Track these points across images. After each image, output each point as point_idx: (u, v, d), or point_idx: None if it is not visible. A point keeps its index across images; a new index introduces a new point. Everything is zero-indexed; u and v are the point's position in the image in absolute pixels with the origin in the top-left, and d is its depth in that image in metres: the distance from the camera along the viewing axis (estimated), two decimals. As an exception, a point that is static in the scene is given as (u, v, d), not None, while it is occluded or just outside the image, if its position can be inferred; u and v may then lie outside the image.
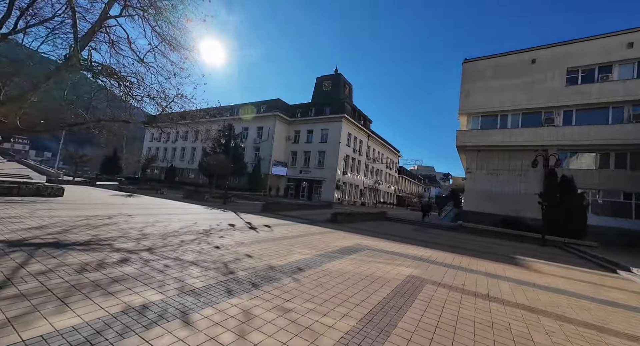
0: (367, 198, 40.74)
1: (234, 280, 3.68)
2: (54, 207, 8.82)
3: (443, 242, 10.17)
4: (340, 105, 32.95)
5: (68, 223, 6.43)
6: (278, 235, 7.74)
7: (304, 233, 8.59)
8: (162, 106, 13.99)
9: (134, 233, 5.99)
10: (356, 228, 11.35)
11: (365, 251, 6.64)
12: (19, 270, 3.27)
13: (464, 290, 4.24)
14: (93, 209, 9.18)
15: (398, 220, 18.11)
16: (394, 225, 15.43)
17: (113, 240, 5.23)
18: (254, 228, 8.59)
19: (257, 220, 10.70)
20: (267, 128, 34.59)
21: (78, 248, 4.46)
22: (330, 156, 32.13)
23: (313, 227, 10.40)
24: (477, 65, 20.39)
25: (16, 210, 7.45)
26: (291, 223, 10.89)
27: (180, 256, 4.57)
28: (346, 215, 13.32)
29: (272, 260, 4.88)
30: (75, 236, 5.24)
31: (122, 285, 3.13)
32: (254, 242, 6.42)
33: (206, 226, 7.99)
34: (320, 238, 7.92)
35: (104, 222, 6.97)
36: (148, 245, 5.07)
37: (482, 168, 20.22)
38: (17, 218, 6.43)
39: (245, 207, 16.63)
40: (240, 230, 7.96)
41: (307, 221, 12.07)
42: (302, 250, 6.02)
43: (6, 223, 5.82)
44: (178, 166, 42.38)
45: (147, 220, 7.93)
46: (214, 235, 6.69)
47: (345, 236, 8.87)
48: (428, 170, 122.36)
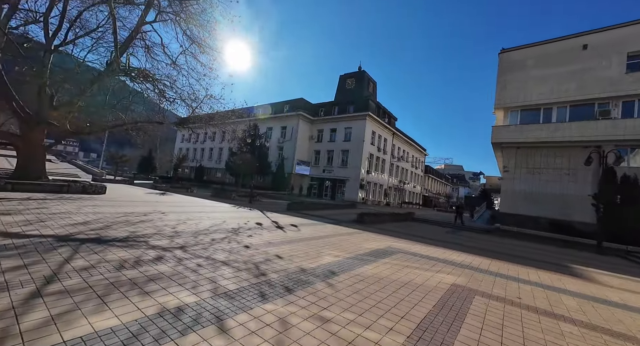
0: (392, 198, 39.58)
1: (266, 283, 3.53)
2: (98, 204, 9.42)
3: (481, 246, 9.38)
4: (364, 103, 32.25)
5: (109, 219, 6.76)
6: (305, 235, 7.57)
7: (331, 233, 8.35)
8: (192, 107, 14.57)
9: (168, 231, 6.13)
10: (384, 230, 10.89)
11: (399, 254, 6.23)
12: (64, 265, 3.38)
13: (521, 305, 3.72)
14: (131, 206, 9.67)
15: (427, 222, 17.23)
16: (423, 226, 14.67)
17: (149, 237, 5.36)
18: (281, 227, 8.51)
19: (283, 219, 10.65)
20: (290, 128, 34.87)
21: (117, 244, 4.59)
22: (354, 155, 31.59)
23: (339, 227, 10.13)
24: (516, 55, 18.75)
25: (65, 206, 8.03)
26: (317, 223, 10.70)
27: (211, 255, 4.54)
28: (373, 215, 12.86)
29: (303, 262, 4.68)
30: (115, 232, 5.45)
31: (158, 285, 3.09)
32: (283, 242, 6.29)
33: (235, 224, 8.04)
34: (349, 239, 7.62)
35: (141, 219, 7.25)
36: (181, 243, 5.12)
37: (521, 166, 18.60)
38: (66, 214, 6.90)
39: (270, 205, 16.78)
40: (267, 229, 7.91)
41: (332, 221, 11.82)
42: (331, 251, 5.78)
43: (57, 218, 6.24)
44: (206, 166, 44.27)
45: (179, 218, 8.16)
46: (242, 234, 6.67)
47: (375, 238, 8.49)
48: (456, 169, 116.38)
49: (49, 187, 11.63)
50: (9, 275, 2.93)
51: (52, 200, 9.03)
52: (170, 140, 58.63)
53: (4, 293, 2.52)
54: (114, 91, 16.76)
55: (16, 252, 3.66)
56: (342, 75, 38.63)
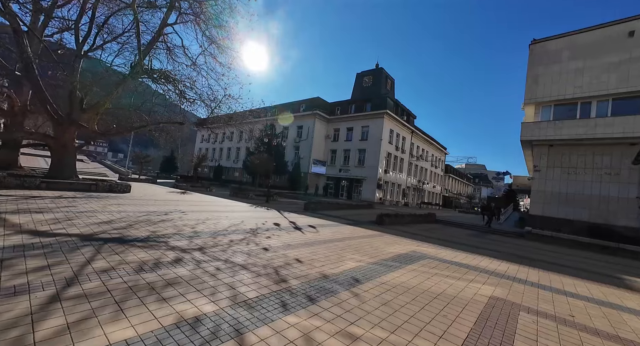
0: (411, 198, 38.45)
1: (287, 290, 3.31)
2: (122, 202, 9.71)
3: (513, 252, 8.68)
4: (381, 101, 31.49)
5: (132, 218, 6.87)
6: (324, 237, 7.32)
7: (350, 235, 8.04)
8: (211, 108, 14.78)
9: (187, 231, 6.11)
10: (405, 232, 10.41)
11: (425, 260, 5.82)
12: (85, 266, 3.34)
13: (576, 325, 3.25)
14: (153, 205, 9.88)
15: (450, 224, 16.43)
16: (446, 228, 13.96)
17: (168, 237, 5.34)
18: (299, 228, 8.32)
19: (301, 219, 10.47)
20: (306, 127, 34.78)
21: (138, 244, 4.57)
22: (371, 154, 30.94)
23: (359, 228, 9.79)
24: (550, 46, 17.38)
25: (92, 205, 8.31)
26: (335, 224, 10.43)
27: (230, 257, 4.40)
28: (393, 216, 12.39)
29: (324, 267, 4.43)
30: (137, 232, 5.47)
31: (176, 290, 2.95)
32: (302, 244, 6.08)
33: (252, 225, 7.95)
34: (370, 242, 7.28)
35: (162, 218, 7.33)
36: (199, 244, 5.03)
37: (554, 165, 17.25)
38: (92, 212, 7.10)
39: (287, 205, 16.71)
40: (285, 230, 7.74)
41: (351, 222, 11.49)
42: (353, 255, 5.48)
43: (83, 217, 6.41)
44: (224, 165, 45.28)
45: (198, 217, 8.19)
46: (261, 235, 6.53)
47: (397, 241, 8.08)
48: (478, 168, 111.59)
49: (79, 185, 12.21)
50: (32, 276, 2.91)
51: (80, 199, 9.41)
52: (191, 140, 60.69)
53: (24, 296, 2.47)
54: (138, 93, 17.45)
55: (42, 252, 3.69)
56: (359, 72, 37.98)
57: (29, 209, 6.57)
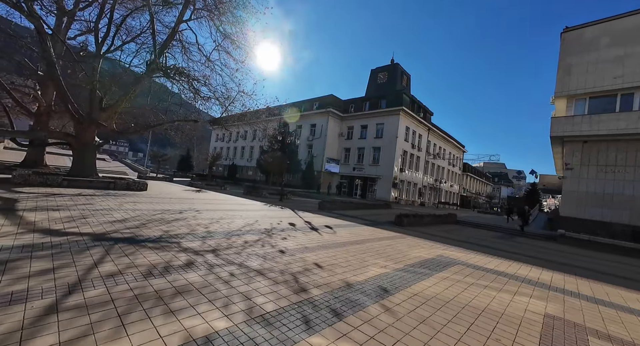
0: (427, 197, 37.23)
1: (309, 302, 2.91)
2: (138, 200, 9.71)
3: (550, 258, 7.89)
4: (397, 97, 30.55)
5: (146, 217, 6.73)
6: (343, 238, 6.89)
7: (370, 237, 7.57)
8: (224, 105, 14.68)
9: (200, 231, 5.86)
10: (427, 234, 9.80)
11: (456, 266, 5.27)
12: (91, 270, 3.09)
13: (662, 355, 2.65)
14: (168, 203, 9.82)
15: (471, 225, 15.55)
16: (469, 230, 13.16)
17: (181, 237, 5.09)
18: (316, 229, 7.93)
19: (316, 219, 10.09)
20: (320, 125, 34.37)
21: (149, 245, 4.33)
22: (386, 152, 30.11)
23: (377, 230, 9.28)
24: (585, 33, 16.03)
25: (108, 202, 8.30)
26: (352, 224, 9.97)
27: (245, 261, 4.06)
28: (412, 217, 11.77)
29: (347, 274, 4.01)
30: (149, 231, 5.27)
31: (185, 300, 2.63)
32: (320, 246, 5.69)
33: (267, 225, 7.65)
34: (392, 245, 6.78)
35: (175, 217, 7.16)
36: (213, 246, 4.75)
37: (589, 163, 15.94)
38: (107, 210, 7.03)
39: (301, 204, 16.40)
40: (301, 230, 7.38)
41: (368, 222, 10.99)
42: (376, 260, 5.02)
43: (98, 215, 6.32)
44: (238, 164, 45.75)
45: (212, 216, 7.99)
46: (276, 236, 6.20)
47: (420, 243, 7.53)
48: (497, 167, 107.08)
49: (98, 183, 12.42)
50: (33, 280, 2.67)
51: (98, 196, 9.48)
52: (206, 139, 61.88)
53: (19, 305, 2.21)
54: (154, 93, 17.69)
55: (50, 252, 3.50)
56: (374, 69, 37.08)
57: (47, 207, 6.56)
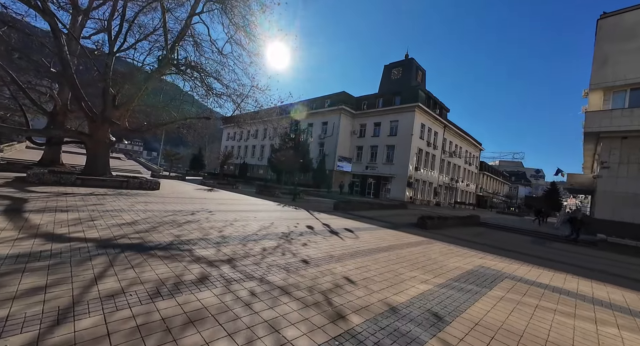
0: (442, 197, 35.96)
1: (350, 336, 2.32)
2: (150, 200, 9.40)
3: (603, 269, 6.98)
4: (412, 93, 29.45)
5: (157, 219, 6.33)
6: (367, 244, 6.27)
7: (395, 242, 6.91)
8: (237, 103, 14.28)
9: (214, 235, 5.38)
10: (455, 238, 9.03)
11: (505, 281, 4.55)
12: (90, 288, 2.61)
13: None
14: (180, 203, 9.46)
15: (497, 227, 14.55)
16: (496, 233, 12.23)
17: (193, 243, 4.61)
18: (336, 232, 7.34)
19: (334, 221, 9.50)
20: (331, 123, 33.70)
21: (159, 254, 3.86)
22: (401, 150, 29.12)
23: (401, 233, 8.59)
24: (625, 20, 14.65)
25: (119, 203, 7.99)
26: (372, 227, 9.32)
27: (266, 275, 3.52)
28: (436, 219, 10.99)
29: (386, 292, 3.39)
30: (160, 236, 4.82)
31: (198, 333, 2.09)
32: (345, 254, 5.09)
33: (284, 228, 7.12)
34: (423, 252, 6.10)
35: (188, 219, 6.73)
36: (228, 254, 4.23)
37: (628, 161, 14.61)
38: (117, 211, 6.67)
39: (314, 204, 15.85)
40: (321, 234, 6.80)
41: (388, 225, 10.31)
42: (413, 273, 4.38)
43: (107, 216, 5.95)
44: (249, 163, 45.71)
45: (226, 218, 7.53)
46: (296, 242, 5.64)
47: (452, 250, 6.81)
48: (514, 165, 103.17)
49: (111, 182, 12.27)
50: (18, 304, 2.20)
51: (110, 196, 9.22)
52: (217, 139, 62.39)
53: (-10, 344, 1.72)
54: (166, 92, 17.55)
55: (47, 264, 3.06)
56: (387, 65, 35.99)
57: (56, 207, 6.26)
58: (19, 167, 14.40)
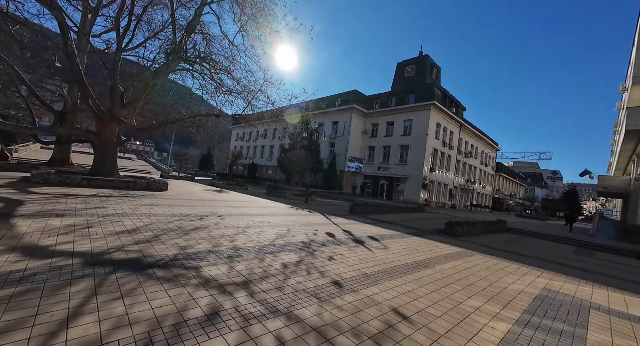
0: (458, 199, 34.51)
1: None
2: (156, 202, 8.76)
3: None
4: (427, 91, 28.27)
5: (161, 225, 5.62)
6: (401, 257, 5.38)
7: (431, 254, 6.00)
8: (248, 100, 13.61)
9: (225, 246, 4.61)
10: (491, 247, 8.03)
11: (593, 314, 3.59)
12: (55, 338, 1.84)
13: None
14: (188, 206, 8.79)
15: (528, 234, 13.35)
16: (532, 241, 11.09)
17: (201, 258, 3.84)
18: (360, 241, 6.48)
19: (354, 227, 8.63)
20: (342, 123, 32.80)
21: (158, 274, 3.09)
22: (415, 150, 27.96)
23: (432, 242, 7.65)
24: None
25: (123, 206, 7.35)
26: (396, 233, 8.41)
27: (293, 307, 2.70)
28: (464, 225, 9.98)
29: (456, 337, 2.52)
30: (162, 248, 4.08)
31: None
32: (381, 271, 4.24)
33: (303, 235, 6.30)
34: (469, 269, 5.17)
35: (195, 225, 6.00)
36: (243, 273, 3.44)
37: (677, 163, 13.16)
38: (119, 216, 6.01)
39: (328, 207, 15.02)
40: (345, 244, 5.96)
41: (413, 231, 9.37)
42: (472, 300, 3.48)
43: (106, 222, 5.28)
44: (258, 163, 45.28)
45: (237, 224, 6.78)
46: (320, 255, 4.82)
47: (500, 264, 5.84)
48: (529, 166, 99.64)
49: (118, 183, 11.76)
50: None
51: (115, 198, 8.63)
52: (226, 139, 62.42)
53: None
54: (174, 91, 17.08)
55: (10, 292, 2.32)
56: (400, 62, 34.82)
57: (52, 211, 5.63)
58: (27, 166, 14.12)
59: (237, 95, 13.70)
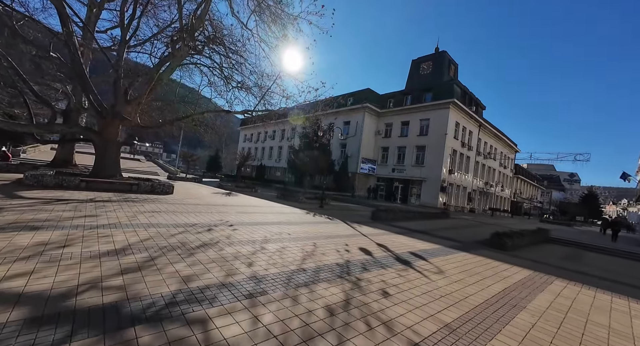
0: (476, 203, 32.67)
1: None
2: (159, 208, 7.67)
3: None
4: (446, 89, 26.73)
5: (160, 240, 4.46)
6: (469, 288, 4.09)
7: (502, 282, 4.67)
8: (260, 95, 12.50)
9: (243, 275, 3.40)
10: (563, 269, 6.63)
11: None
12: None
13: None
14: (194, 213, 7.66)
15: (576, 245, 11.76)
16: (596, 257, 9.54)
17: (211, 299, 2.64)
18: (405, 261, 5.19)
19: (387, 239, 7.34)
20: (354, 122, 31.50)
21: (143, 340, 1.89)
22: (433, 151, 26.41)
23: (486, 260, 6.30)
24: None
25: (119, 213, 6.26)
26: (438, 247, 7.09)
27: None
28: (514, 237, 8.55)
29: None
30: (157, 281, 2.90)
31: None
32: (464, 318, 2.95)
33: (334, 254, 5.06)
34: (578, 311, 3.83)
35: (202, 240, 4.83)
36: (276, 332, 2.21)
37: None
38: (111, 227, 4.90)
39: (346, 212, 13.76)
40: (390, 266, 4.69)
41: (454, 244, 8.02)
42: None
43: (91, 238, 4.16)
44: (267, 164, 44.33)
45: (253, 237, 5.58)
46: (367, 286, 3.56)
47: (602, 300, 4.46)
48: (545, 169, 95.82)
49: (120, 185, 10.78)
50: None
51: (113, 203, 7.58)
52: (234, 141, 61.91)
53: None
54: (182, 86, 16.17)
55: None
56: (415, 59, 33.37)
57: (28, 223, 4.56)
58: (29, 167, 13.33)
59: (248, 91, 12.64)
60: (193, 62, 13.35)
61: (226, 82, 12.74)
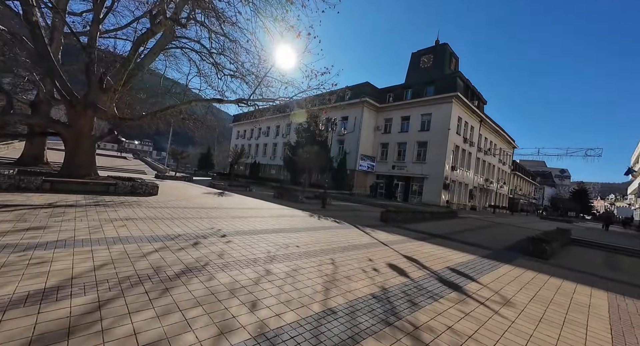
0: (477, 200, 32.05)
1: None
2: (136, 214, 6.29)
3: None
4: (449, 82, 25.73)
5: (124, 266, 3.14)
6: (557, 330, 2.92)
7: (598, 321, 3.54)
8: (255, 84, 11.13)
9: (243, 332, 2.13)
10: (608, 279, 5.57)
11: None
12: None
13: None
14: (179, 220, 6.31)
15: (603, 247, 10.89)
16: (629, 261, 8.62)
17: None
18: (453, 284, 4.02)
19: (412, 249, 6.17)
20: (353, 118, 30.26)
21: None
22: (435, 147, 25.46)
23: (544, 277, 5.21)
24: None
25: (81, 223, 4.88)
26: (473, 258, 5.97)
27: None
28: (549, 242, 7.50)
29: None
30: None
31: None
32: None
33: (362, 276, 3.84)
34: None
35: (185, 262, 3.52)
36: None
37: None
38: (56, 247, 3.55)
39: (351, 213, 12.59)
40: (439, 293, 3.50)
41: (485, 252, 6.93)
42: None
43: (18, 265, 2.83)
44: (261, 162, 42.76)
45: (253, 253, 4.31)
46: (432, 339, 2.34)
47: None
48: (537, 165, 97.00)
49: (94, 186, 9.29)
50: None
51: (78, 208, 6.17)
52: (227, 138, 59.95)
53: None
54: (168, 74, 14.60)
55: None
56: (415, 52, 32.26)
57: None
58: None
59: (242, 79, 11.24)
60: (179, 45, 11.84)
61: (217, 70, 11.31)
